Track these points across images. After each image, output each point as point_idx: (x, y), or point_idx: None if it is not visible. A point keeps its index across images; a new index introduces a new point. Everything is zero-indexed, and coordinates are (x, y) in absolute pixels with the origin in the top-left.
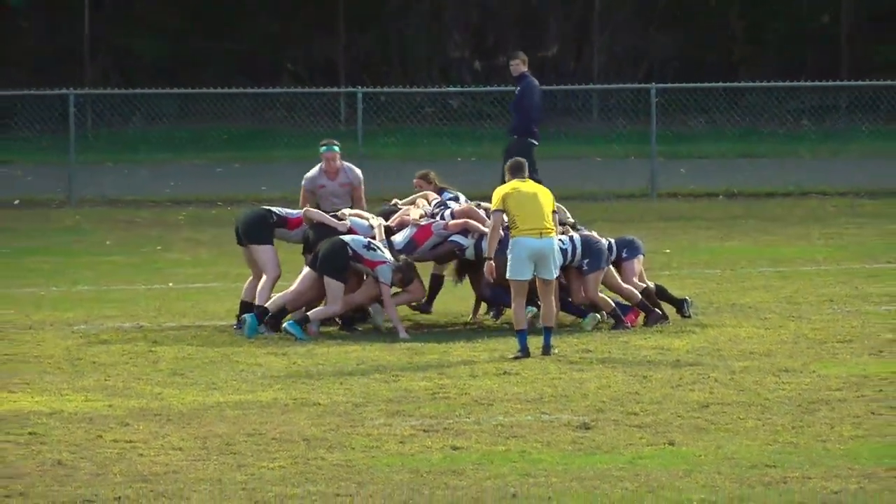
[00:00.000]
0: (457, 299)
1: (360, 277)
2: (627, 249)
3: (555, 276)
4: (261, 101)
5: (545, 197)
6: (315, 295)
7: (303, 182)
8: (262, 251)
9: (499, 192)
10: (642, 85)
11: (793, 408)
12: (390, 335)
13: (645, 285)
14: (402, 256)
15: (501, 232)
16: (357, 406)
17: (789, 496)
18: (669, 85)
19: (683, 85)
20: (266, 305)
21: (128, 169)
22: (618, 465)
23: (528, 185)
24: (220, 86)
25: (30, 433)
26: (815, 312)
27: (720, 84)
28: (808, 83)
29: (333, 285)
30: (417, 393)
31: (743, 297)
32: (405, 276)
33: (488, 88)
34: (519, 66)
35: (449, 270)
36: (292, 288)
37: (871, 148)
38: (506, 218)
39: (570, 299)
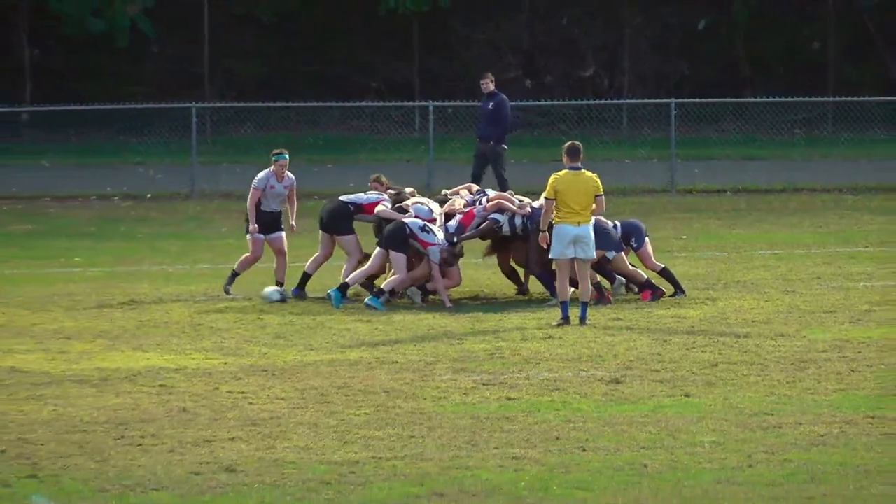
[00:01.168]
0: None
1: (420, 257)
2: (636, 238)
3: (592, 257)
4: (349, 113)
5: (589, 188)
6: (382, 270)
7: (255, 183)
8: (346, 240)
9: (552, 182)
10: (664, 100)
11: (787, 366)
12: (455, 306)
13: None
14: (458, 245)
15: (513, 205)
16: (428, 364)
17: (784, 438)
18: (686, 100)
19: (697, 100)
20: (347, 281)
21: (240, 168)
22: (642, 413)
23: (579, 178)
24: (315, 100)
25: (160, 385)
26: (805, 288)
27: (728, 99)
28: (801, 98)
29: (397, 257)
30: (478, 353)
31: (746, 275)
32: (448, 260)
33: (536, 103)
34: (488, 84)
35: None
36: (366, 266)
37: (851, 152)
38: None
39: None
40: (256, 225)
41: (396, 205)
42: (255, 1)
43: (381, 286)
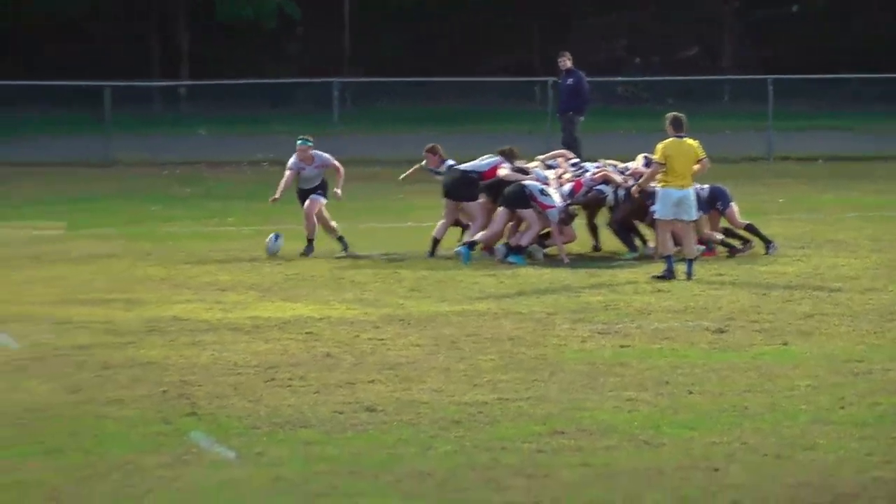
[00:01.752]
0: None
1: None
2: (721, 201)
3: (693, 218)
4: (475, 88)
5: (691, 154)
6: (503, 229)
7: (288, 164)
8: (471, 206)
9: (662, 149)
10: (762, 76)
11: (876, 317)
12: (572, 263)
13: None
14: (571, 207)
15: (618, 178)
16: (549, 315)
17: (873, 383)
18: (782, 76)
19: (792, 76)
20: (475, 239)
21: (377, 138)
22: (744, 360)
23: (683, 145)
24: (445, 76)
25: (306, 332)
26: (891, 247)
27: (819, 76)
28: (884, 75)
29: (528, 214)
30: (594, 305)
31: (837, 235)
32: (564, 220)
33: (645, 78)
34: (566, 62)
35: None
36: (492, 226)
37: None
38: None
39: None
40: (278, 197)
41: (517, 168)
42: None
43: (519, 242)
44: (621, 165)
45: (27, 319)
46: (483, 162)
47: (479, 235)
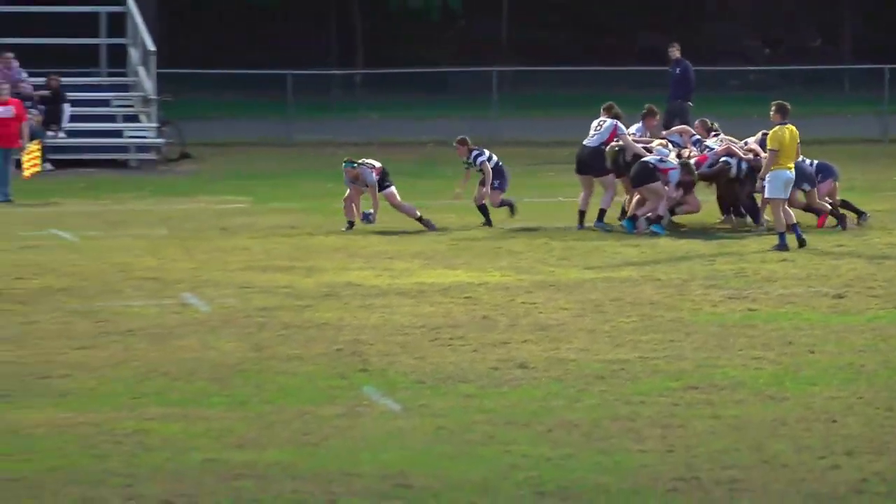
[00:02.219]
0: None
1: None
2: (822, 175)
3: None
4: (614, 76)
5: (796, 138)
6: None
7: (345, 182)
8: (605, 178)
9: (776, 137)
10: (878, 66)
11: None
12: (705, 234)
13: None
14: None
15: (740, 152)
16: (684, 281)
17: None
18: None
19: None
20: (637, 214)
21: (543, 122)
22: (860, 322)
23: (789, 131)
24: (586, 65)
25: (466, 297)
26: None
27: None
28: None
29: (656, 187)
30: (725, 272)
31: None
32: (684, 183)
33: (774, 67)
34: (674, 52)
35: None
36: (650, 203)
37: None
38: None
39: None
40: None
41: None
42: None
43: (658, 213)
44: (740, 142)
45: (216, 285)
46: (602, 131)
47: (640, 211)
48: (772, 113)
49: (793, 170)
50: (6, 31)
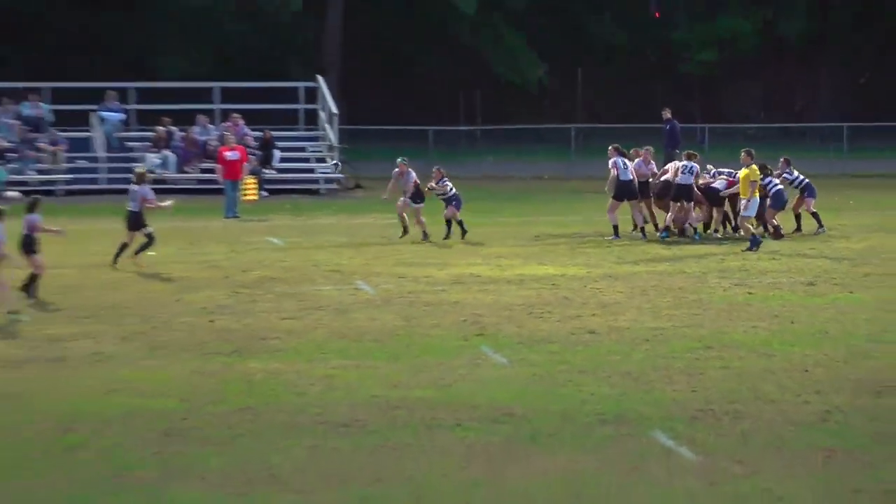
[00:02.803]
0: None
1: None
2: (807, 191)
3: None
4: (652, 132)
5: (758, 175)
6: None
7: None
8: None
9: (754, 172)
10: (839, 124)
11: None
12: (720, 239)
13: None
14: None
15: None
16: (703, 273)
17: None
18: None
19: None
20: (667, 224)
21: (598, 162)
22: (826, 302)
23: (752, 169)
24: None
25: (552, 284)
26: None
27: None
28: None
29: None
30: (732, 267)
31: None
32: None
33: (769, 125)
34: (666, 113)
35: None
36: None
37: None
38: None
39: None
40: (386, 196)
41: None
42: None
43: (692, 223)
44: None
45: (379, 275)
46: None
47: (668, 221)
48: (742, 156)
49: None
50: (234, 99)
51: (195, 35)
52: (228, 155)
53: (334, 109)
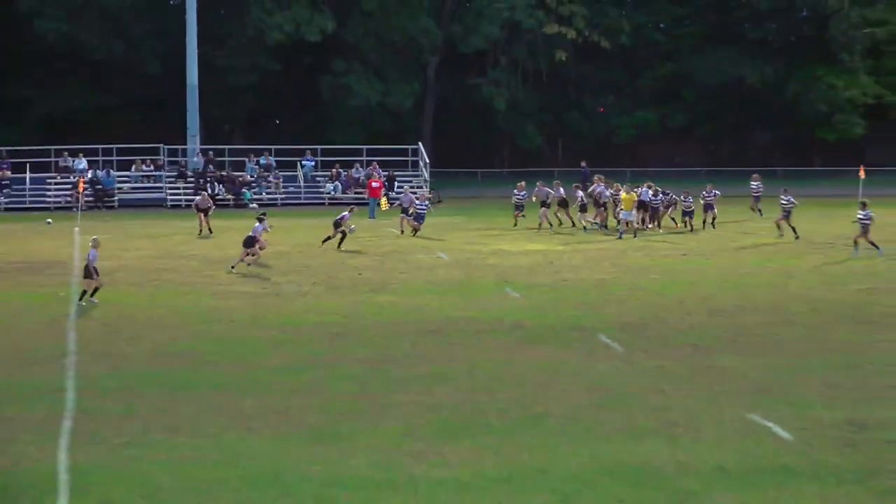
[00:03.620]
0: None
1: None
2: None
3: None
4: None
5: (634, 198)
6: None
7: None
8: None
9: (632, 196)
10: (774, 168)
11: (711, 249)
12: (644, 234)
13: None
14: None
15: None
16: (624, 250)
17: (719, 271)
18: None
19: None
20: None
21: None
22: (697, 264)
23: (631, 195)
24: None
25: (543, 255)
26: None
27: None
28: None
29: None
30: (639, 246)
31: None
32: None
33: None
34: (583, 163)
35: None
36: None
37: None
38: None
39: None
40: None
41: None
42: None
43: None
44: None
45: (448, 249)
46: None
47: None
48: (626, 187)
49: (629, 210)
50: (374, 154)
51: (358, 122)
52: (374, 184)
53: (426, 160)
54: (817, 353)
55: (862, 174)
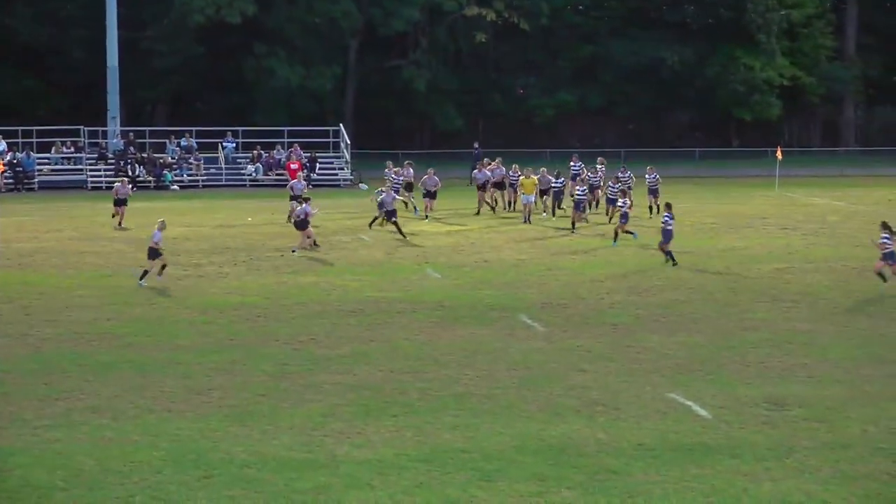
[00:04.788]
0: None
1: None
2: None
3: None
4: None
5: (534, 182)
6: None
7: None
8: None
9: (532, 180)
10: (692, 148)
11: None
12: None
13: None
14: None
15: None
16: (544, 232)
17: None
18: None
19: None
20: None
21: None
22: (610, 247)
23: (531, 180)
24: None
25: (465, 236)
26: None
27: None
28: None
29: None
30: (564, 241)
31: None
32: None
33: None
34: (475, 144)
35: None
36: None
37: None
38: None
39: None
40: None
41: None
42: None
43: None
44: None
45: (379, 230)
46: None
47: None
48: (526, 171)
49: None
50: (296, 136)
51: (280, 104)
52: (292, 166)
53: (347, 141)
54: (736, 331)
55: (779, 155)
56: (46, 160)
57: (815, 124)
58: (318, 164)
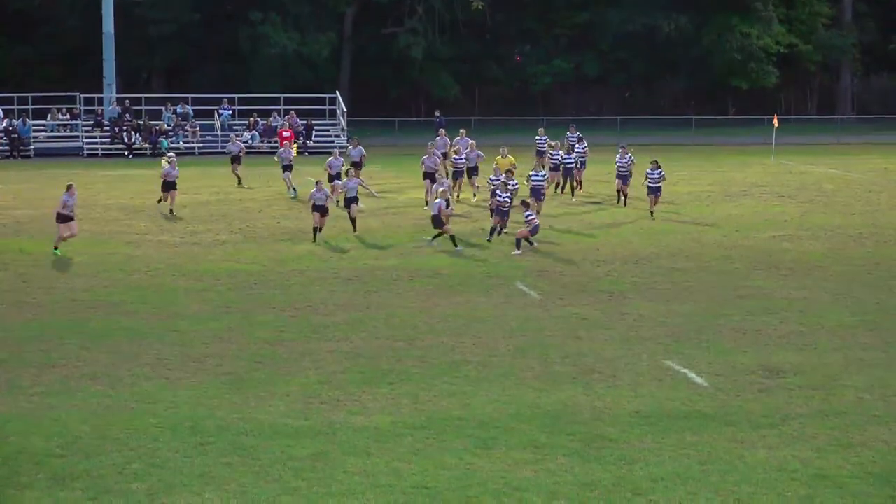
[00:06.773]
0: None
1: None
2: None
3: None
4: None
5: (511, 161)
6: None
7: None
8: None
9: (506, 160)
10: (688, 116)
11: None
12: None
13: None
14: None
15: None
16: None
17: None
18: None
19: None
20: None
21: None
22: (606, 217)
23: (509, 160)
24: None
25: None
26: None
27: None
28: None
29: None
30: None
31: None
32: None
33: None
34: (437, 111)
35: None
36: None
37: None
38: None
39: None
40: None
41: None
42: None
43: None
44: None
45: (368, 199)
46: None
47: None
48: (504, 150)
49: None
50: (293, 103)
51: (276, 72)
52: (284, 133)
53: (344, 108)
54: (731, 299)
55: (776, 123)
56: (42, 127)
57: (811, 92)
58: (314, 132)
